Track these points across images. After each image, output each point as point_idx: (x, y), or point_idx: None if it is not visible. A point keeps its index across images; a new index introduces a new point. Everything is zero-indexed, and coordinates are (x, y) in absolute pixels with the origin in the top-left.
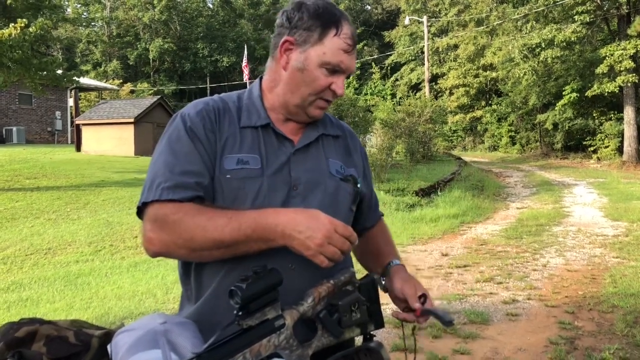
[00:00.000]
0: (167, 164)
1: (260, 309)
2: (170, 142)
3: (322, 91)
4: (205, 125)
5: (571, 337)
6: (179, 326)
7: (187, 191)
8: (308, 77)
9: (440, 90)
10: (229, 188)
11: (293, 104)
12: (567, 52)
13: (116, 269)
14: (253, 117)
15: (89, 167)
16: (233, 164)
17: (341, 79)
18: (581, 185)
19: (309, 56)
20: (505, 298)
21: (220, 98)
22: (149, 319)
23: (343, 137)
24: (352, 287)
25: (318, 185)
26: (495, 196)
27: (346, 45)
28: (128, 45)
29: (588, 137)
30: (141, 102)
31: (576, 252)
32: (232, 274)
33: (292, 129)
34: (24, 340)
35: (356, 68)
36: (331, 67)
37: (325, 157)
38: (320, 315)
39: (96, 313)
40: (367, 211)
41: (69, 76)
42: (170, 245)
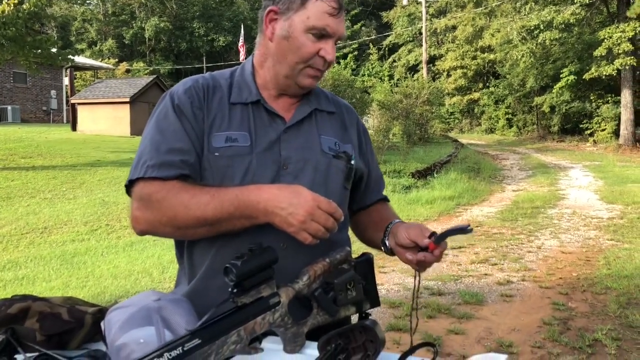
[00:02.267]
0: (154, 142)
1: (255, 286)
2: (157, 121)
3: (310, 58)
4: (193, 103)
5: (564, 317)
6: (172, 303)
7: (171, 169)
8: (294, 44)
9: (438, 72)
10: (217, 166)
11: (282, 74)
12: (566, 35)
13: (112, 248)
14: (244, 94)
15: (84, 146)
16: (222, 141)
17: (329, 43)
18: (577, 168)
19: (292, 23)
20: (500, 279)
21: (212, 75)
22: (143, 296)
23: (339, 113)
24: (348, 265)
25: (309, 163)
26: (491, 178)
27: (330, 8)
28: (124, 24)
29: (585, 120)
30: (137, 81)
31: (571, 235)
32: (222, 252)
33: (285, 106)
34: (17, 317)
35: (354, 45)
36: (317, 32)
37: (318, 133)
38: (315, 293)
39: (92, 292)
40: (365, 189)
41: (64, 54)
42: (155, 223)
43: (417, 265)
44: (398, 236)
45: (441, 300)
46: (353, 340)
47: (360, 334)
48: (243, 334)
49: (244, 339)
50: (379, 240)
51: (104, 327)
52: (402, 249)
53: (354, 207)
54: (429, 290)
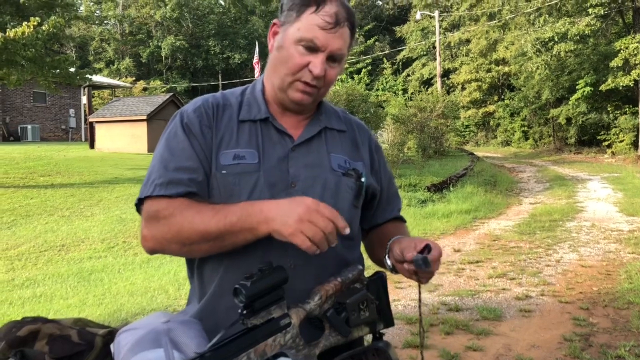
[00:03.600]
0: (163, 160)
1: (265, 307)
2: (167, 140)
3: (298, 71)
4: (202, 122)
5: (586, 333)
6: (182, 325)
7: (179, 187)
8: (284, 55)
9: (452, 85)
10: (225, 184)
11: (276, 86)
12: (581, 46)
13: (129, 265)
14: (253, 111)
15: (102, 164)
16: (229, 159)
17: (319, 58)
18: (595, 180)
19: (286, 34)
20: (518, 294)
21: (222, 94)
22: (152, 318)
23: (350, 131)
24: (360, 284)
25: (318, 180)
26: (508, 191)
27: (323, 21)
28: (140, 43)
29: (602, 131)
30: (154, 99)
31: (590, 248)
32: (231, 272)
33: (294, 123)
34: (26, 340)
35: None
36: (306, 44)
37: (327, 151)
38: (327, 314)
39: (109, 309)
40: (377, 207)
41: (82, 74)
42: (162, 240)
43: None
44: (394, 251)
45: (459, 316)
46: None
47: (373, 357)
48: (253, 357)
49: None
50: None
51: (113, 349)
52: (400, 264)
53: (365, 226)
54: (446, 306)
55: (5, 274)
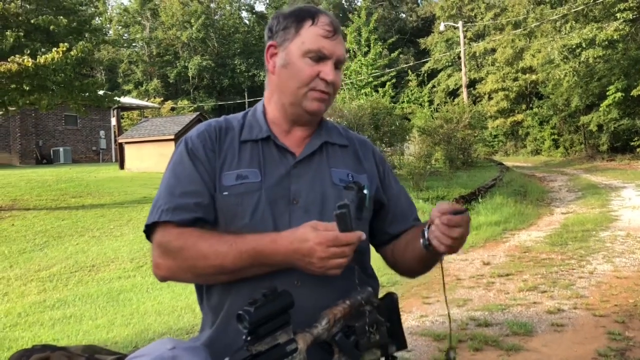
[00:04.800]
0: (169, 186)
1: (270, 333)
2: (173, 166)
3: (310, 81)
4: (206, 145)
5: (621, 348)
6: (188, 352)
7: (185, 212)
8: (292, 70)
9: (479, 95)
10: (227, 205)
11: (288, 103)
12: (610, 51)
13: (157, 284)
14: (254, 131)
15: (131, 184)
16: (232, 180)
17: (328, 65)
18: (630, 187)
19: (289, 51)
20: (550, 307)
21: (225, 118)
22: (158, 344)
23: (351, 146)
24: (370, 307)
25: (319, 196)
26: (538, 201)
27: (324, 31)
28: (168, 64)
29: (635, 137)
30: (181, 119)
31: (625, 258)
32: (240, 295)
33: (296, 141)
34: None
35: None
36: (314, 55)
37: (328, 166)
38: (336, 338)
39: (136, 329)
40: (392, 219)
41: (110, 96)
42: (176, 270)
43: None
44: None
45: (488, 331)
46: None
47: None
48: None
49: None
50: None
51: None
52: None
53: (385, 238)
54: (475, 321)
55: (37, 295)
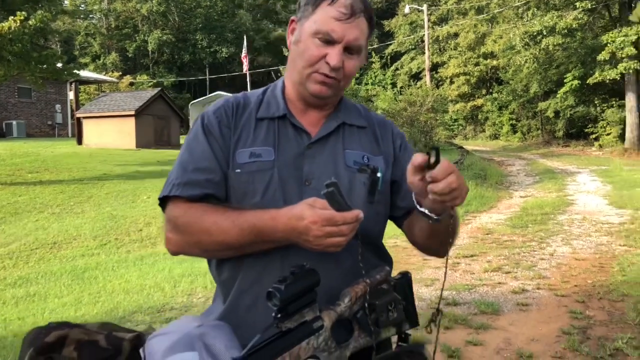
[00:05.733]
0: (182, 161)
1: (298, 310)
2: (188, 141)
3: (315, 62)
4: (221, 122)
5: (583, 326)
6: (214, 329)
7: (195, 188)
8: (301, 48)
9: (441, 79)
10: (239, 183)
11: (296, 80)
12: (569, 39)
13: (122, 262)
14: (271, 108)
15: (90, 160)
16: (246, 157)
17: (336, 49)
18: (584, 173)
19: (303, 28)
20: (515, 288)
21: (244, 94)
22: (184, 322)
23: (370, 127)
24: (387, 285)
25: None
26: (498, 185)
27: (338, 13)
28: (126, 38)
29: (590, 124)
30: (142, 94)
31: (583, 241)
32: (251, 270)
33: (313, 120)
34: (54, 346)
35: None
36: (322, 36)
37: (343, 148)
38: (357, 315)
39: (105, 307)
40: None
41: (70, 69)
42: (184, 245)
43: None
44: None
45: (457, 310)
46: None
47: (408, 358)
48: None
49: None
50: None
51: (144, 354)
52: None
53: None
54: (444, 300)
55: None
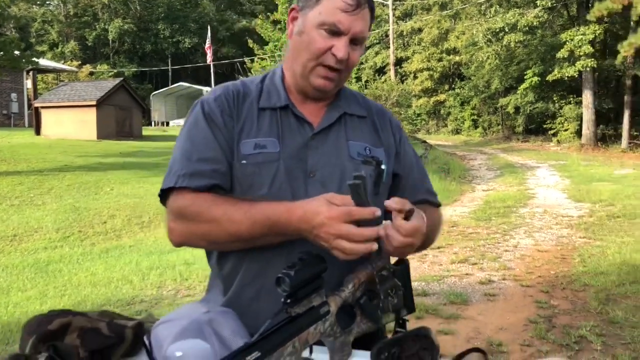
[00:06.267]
0: (185, 151)
1: (307, 296)
2: (189, 130)
3: (320, 55)
4: (224, 110)
5: (548, 315)
6: (222, 315)
7: (203, 179)
8: (305, 39)
9: (405, 74)
10: (244, 174)
11: (298, 72)
12: (529, 37)
13: (87, 255)
14: (273, 98)
15: (50, 151)
16: (250, 148)
17: (342, 41)
18: (543, 167)
19: (306, 18)
20: (482, 279)
21: (242, 82)
22: (190, 308)
23: (369, 116)
24: (387, 272)
25: (336, 169)
26: (461, 179)
27: (344, 4)
28: (86, 26)
29: (548, 120)
30: (103, 84)
31: (544, 233)
32: (255, 262)
33: (313, 110)
34: (57, 333)
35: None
36: (328, 28)
37: (346, 139)
38: (360, 301)
39: (72, 301)
40: (401, 189)
41: (28, 57)
42: (190, 236)
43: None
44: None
45: (427, 300)
46: (406, 348)
47: (414, 342)
48: (298, 345)
49: (299, 349)
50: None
51: (148, 341)
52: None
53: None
54: (414, 291)
55: None
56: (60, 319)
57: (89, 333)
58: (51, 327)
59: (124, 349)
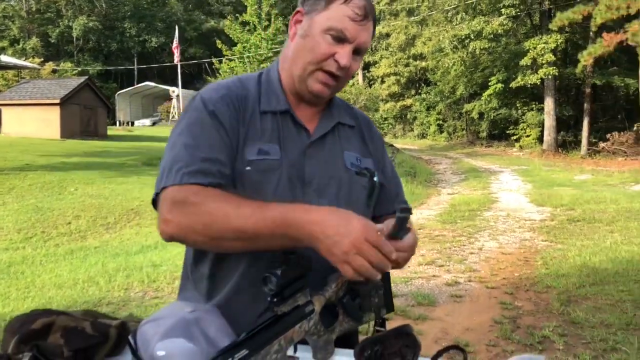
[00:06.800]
0: (188, 147)
1: (292, 295)
2: (190, 126)
3: (323, 60)
4: (231, 112)
5: (513, 316)
6: (208, 314)
7: (209, 177)
8: (310, 42)
9: (373, 78)
10: (250, 181)
11: (296, 75)
12: (494, 44)
13: (51, 256)
14: (272, 101)
15: (11, 149)
16: (254, 153)
17: (346, 48)
18: (506, 172)
19: (313, 22)
20: (448, 280)
21: (240, 81)
22: (176, 307)
23: (357, 126)
24: None
25: (333, 179)
26: (427, 182)
27: (353, 13)
28: (49, 22)
29: (511, 126)
30: (67, 82)
31: (508, 236)
32: (253, 268)
33: (308, 115)
34: (40, 333)
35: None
36: (335, 34)
37: (341, 149)
38: (343, 300)
39: (36, 303)
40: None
41: None
42: (188, 229)
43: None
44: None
45: (395, 302)
46: (389, 346)
47: (396, 340)
48: (283, 343)
49: (284, 348)
50: None
51: (134, 340)
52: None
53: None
54: None
55: None
56: (43, 318)
57: (72, 332)
58: (34, 327)
59: (108, 348)
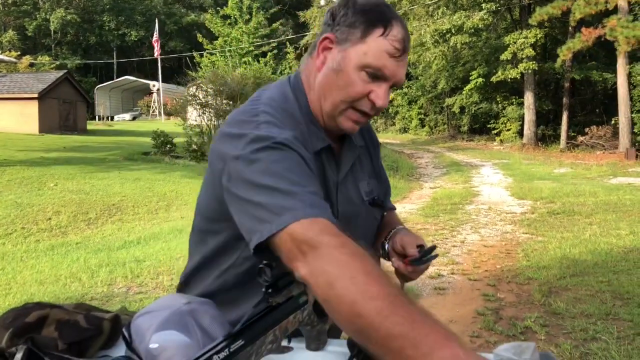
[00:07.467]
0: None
1: (286, 286)
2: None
3: (357, 99)
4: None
5: (495, 308)
6: (203, 305)
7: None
8: (343, 79)
9: None
10: None
11: (326, 111)
12: (475, 39)
13: (32, 252)
14: (314, 138)
15: None
16: None
17: (383, 87)
18: (487, 166)
19: (347, 56)
20: (431, 273)
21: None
22: (170, 299)
23: (365, 143)
24: None
25: (355, 216)
26: (409, 176)
27: (393, 48)
28: (26, 15)
29: (492, 120)
30: (45, 76)
31: (489, 229)
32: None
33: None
34: (34, 326)
35: (273, 44)
36: (372, 71)
37: (357, 180)
38: None
39: (18, 299)
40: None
41: None
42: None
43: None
44: (393, 241)
45: None
46: None
47: None
48: (278, 334)
49: (279, 338)
50: (378, 245)
51: (128, 333)
52: (394, 253)
53: None
54: None
55: None
56: (37, 311)
57: (66, 325)
58: (28, 320)
59: (102, 340)
